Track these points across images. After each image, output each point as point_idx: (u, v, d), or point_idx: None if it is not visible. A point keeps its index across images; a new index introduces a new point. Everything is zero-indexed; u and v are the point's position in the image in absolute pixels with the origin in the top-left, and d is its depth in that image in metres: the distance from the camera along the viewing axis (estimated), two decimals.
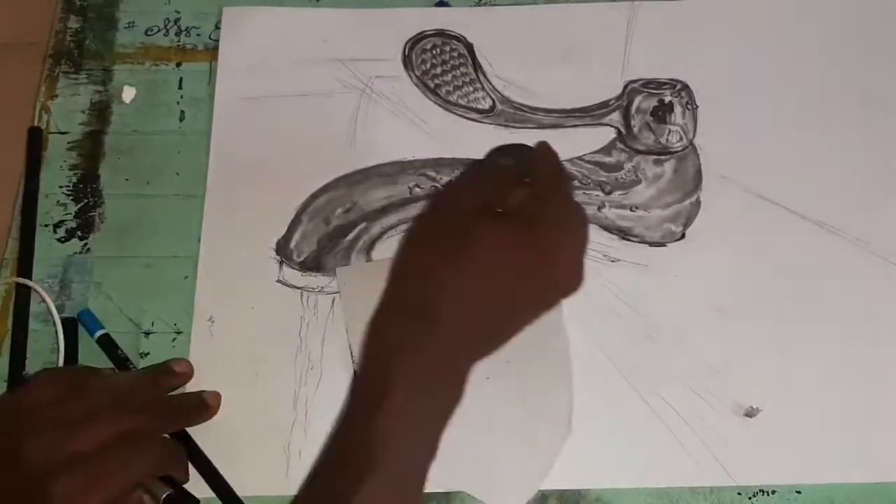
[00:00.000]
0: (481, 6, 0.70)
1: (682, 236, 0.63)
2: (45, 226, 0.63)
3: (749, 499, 0.56)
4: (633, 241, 0.63)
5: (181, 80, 0.68)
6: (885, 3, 0.70)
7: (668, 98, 0.67)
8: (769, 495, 0.56)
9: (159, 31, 0.69)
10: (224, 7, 0.70)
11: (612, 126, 0.67)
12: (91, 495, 0.49)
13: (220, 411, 0.57)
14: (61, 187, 0.64)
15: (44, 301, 0.60)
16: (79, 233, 0.63)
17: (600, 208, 0.64)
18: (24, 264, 0.61)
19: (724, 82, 0.68)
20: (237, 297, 0.61)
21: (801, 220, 0.63)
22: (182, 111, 0.67)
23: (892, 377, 0.59)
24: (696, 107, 0.67)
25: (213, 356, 0.59)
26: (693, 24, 0.70)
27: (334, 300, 0.61)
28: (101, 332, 0.59)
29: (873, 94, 0.67)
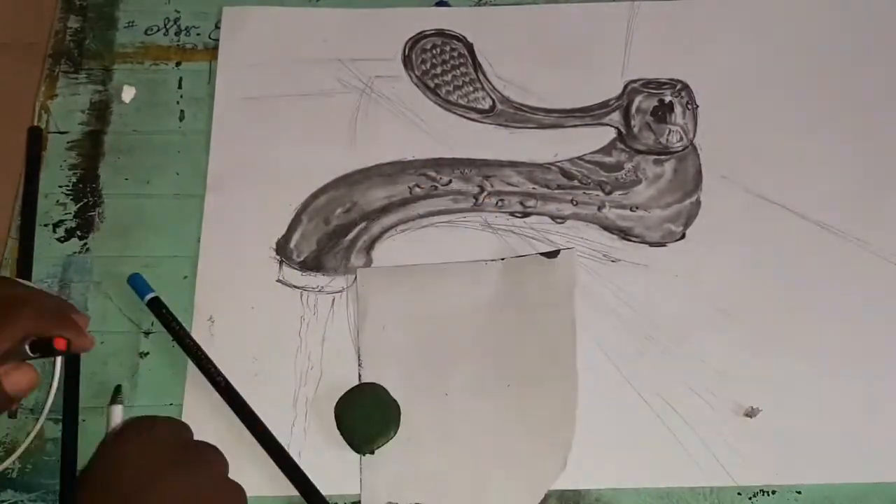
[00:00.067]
0: (481, 6, 0.70)
1: (682, 236, 0.63)
2: (45, 225, 0.63)
3: (749, 499, 0.56)
4: (634, 241, 0.63)
5: (181, 80, 0.68)
6: (885, 2, 0.70)
7: (668, 98, 0.67)
8: (769, 495, 0.56)
9: (159, 30, 0.69)
10: (224, 7, 0.70)
11: (612, 126, 0.67)
12: None
13: (220, 411, 0.57)
14: (61, 187, 0.64)
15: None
16: (78, 232, 0.63)
17: (600, 208, 0.64)
18: (23, 265, 0.61)
19: (724, 82, 0.68)
20: (237, 297, 0.61)
21: (801, 220, 0.63)
22: (182, 111, 0.67)
23: (891, 377, 0.59)
24: (696, 107, 0.67)
25: (213, 356, 0.59)
26: (693, 24, 0.70)
27: (334, 300, 0.61)
28: (151, 296, 0.60)
29: (873, 94, 0.67)
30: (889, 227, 0.63)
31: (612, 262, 0.62)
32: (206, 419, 0.57)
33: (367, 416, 0.56)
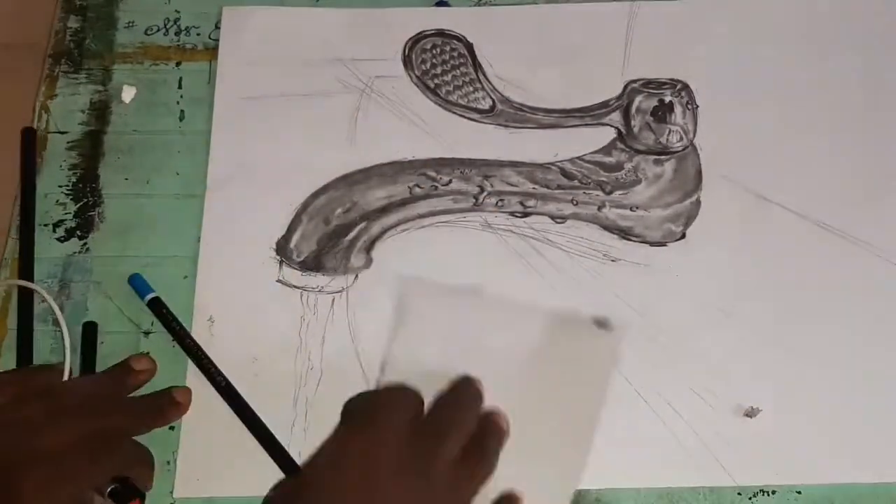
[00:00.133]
0: (481, 6, 0.70)
1: (683, 236, 0.63)
2: (45, 225, 0.63)
3: (749, 499, 0.56)
4: (634, 241, 0.63)
5: (181, 80, 0.68)
6: (885, 2, 0.70)
7: (668, 98, 0.67)
8: (769, 495, 0.56)
9: (159, 30, 0.69)
10: (224, 7, 0.70)
11: (612, 126, 0.67)
12: (58, 491, 0.48)
13: (220, 411, 0.57)
14: (61, 187, 0.64)
15: (45, 301, 0.60)
16: (78, 232, 0.63)
17: (600, 208, 0.64)
18: (24, 266, 0.61)
19: (724, 82, 0.68)
20: (237, 297, 0.61)
21: (801, 220, 0.63)
22: (182, 111, 0.67)
23: (892, 377, 0.59)
24: (696, 107, 0.67)
25: (213, 356, 0.59)
26: (693, 24, 0.70)
27: (334, 300, 0.61)
28: (151, 296, 0.59)
29: (874, 94, 0.67)
30: (889, 227, 0.63)
31: (612, 262, 0.62)
32: (207, 419, 0.57)
33: None
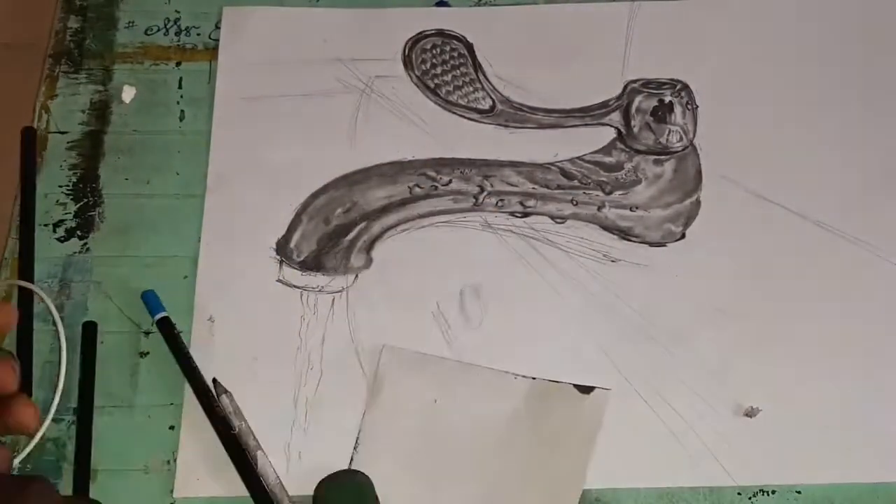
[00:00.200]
0: (481, 6, 0.70)
1: (682, 236, 0.63)
2: (45, 225, 0.63)
3: (749, 499, 0.56)
4: (634, 241, 0.63)
5: (181, 80, 0.68)
6: (886, 2, 0.70)
7: (668, 98, 0.67)
8: (769, 495, 0.56)
9: (159, 30, 0.69)
10: (224, 7, 0.70)
11: (612, 126, 0.67)
12: None
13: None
14: (61, 187, 0.64)
15: (42, 301, 0.60)
16: (78, 232, 0.63)
17: (600, 208, 0.64)
18: (24, 266, 0.61)
19: (724, 82, 0.68)
20: (237, 297, 0.61)
21: (801, 220, 0.63)
22: (182, 111, 0.67)
23: (892, 377, 0.59)
24: (696, 107, 0.67)
25: (213, 356, 0.59)
26: (693, 24, 0.70)
27: (334, 300, 0.61)
28: (160, 315, 0.59)
29: (873, 94, 0.67)
30: (889, 227, 0.63)
31: (612, 262, 0.62)
32: (207, 420, 0.57)
33: None
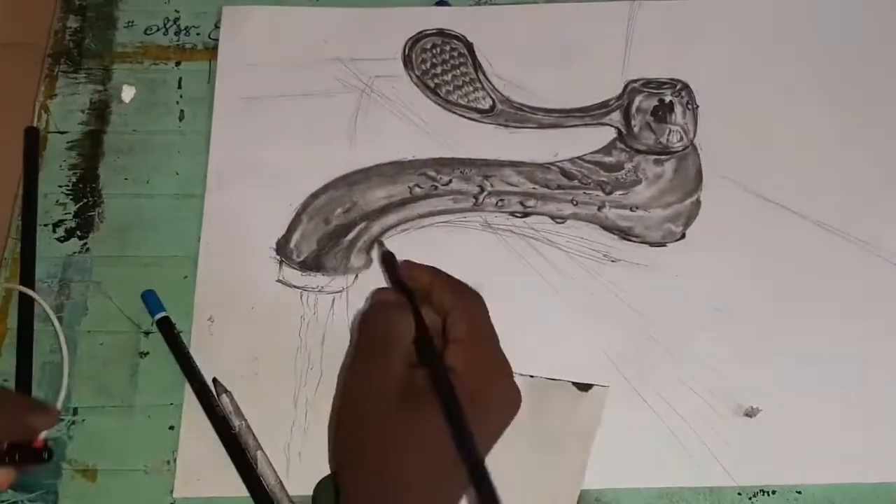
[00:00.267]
0: (481, 6, 0.70)
1: (682, 236, 0.63)
2: (45, 225, 0.63)
3: (749, 499, 0.56)
4: (634, 241, 0.63)
5: (180, 80, 0.68)
6: (886, 2, 0.70)
7: (668, 98, 0.67)
8: (769, 495, 0.56)
9: (159, 30, 0.69)
10: (224, 6, 0.70)
11: (612, 126, 0.67)
12: None
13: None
14: (60, 187, 0.64)
15: (39, 303, 0.60)
16: (78, 232, 0.63)
17: (600, 208, 0.64)
18: (25, 268, 0.61)
19: (724, 82, 0.68)
20: (237, 297, 0.61)
21: (801, 220, 0.63)
22: (182, 111, 0.67)
23: (892, 377, 0.59)
24: (696, 107, 0.67)
25: (213, 356, 0.59)
26: (693, 24, 0.70)
27: (334, 300, 0.61)
28: (160, 315, 0.59)
29: (873, 94, 0.67)
30: (889, 227, 0.63)
31: (612, 262, 0.62)
32: (207, 420, 0.57)
33: None
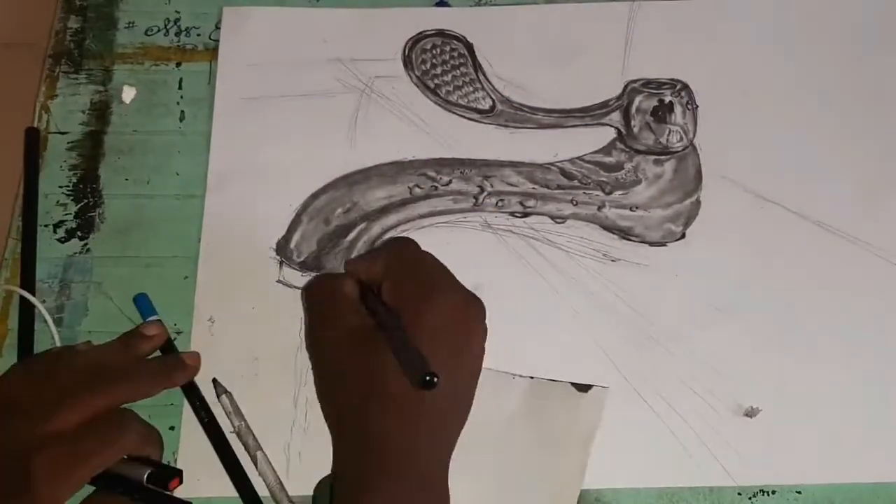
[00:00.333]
0: (481, 6, 0.70)
1: (682, 236, 0.63)
2: (45, 226, 0.63)
3: (749, 499, 0.56)
4: (634, 241, 0.63)
5: (181, 81, 0.68)
6: (886, 3, 0.70)
7: (668, 98, 0.67)
8: (769, 495, 0.56)
9: (159, 31, 0.69)
10: (224, 7, 0.70)
11: (612, 126, 0.67)
12: (72, 472, 0.49)
13: (220, 410, 0.57)
14: (61, 187, 0.64)
15: (44, 302, 0.60)
16: (79, 233, 0.63)
17: (600, 208, 0.64)
18: (26, 269, 0.61)
19: (724, 82, 0.68)
20: (237, 297, 0.61)
21: (801, 220, 0.63)
22: (182, 111, 0.67)
23: (892, 377, 0.59)
24: (696, 107, 0.67)
25: (213, 356, 0.59)
26: (693, 24, 0.70)
27: None
28: (151, 319, 0.59)
29: (873, 94, 0.67)
30: (889, 227, 0.63)
31: (612, 261, 0.62)
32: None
33: None
